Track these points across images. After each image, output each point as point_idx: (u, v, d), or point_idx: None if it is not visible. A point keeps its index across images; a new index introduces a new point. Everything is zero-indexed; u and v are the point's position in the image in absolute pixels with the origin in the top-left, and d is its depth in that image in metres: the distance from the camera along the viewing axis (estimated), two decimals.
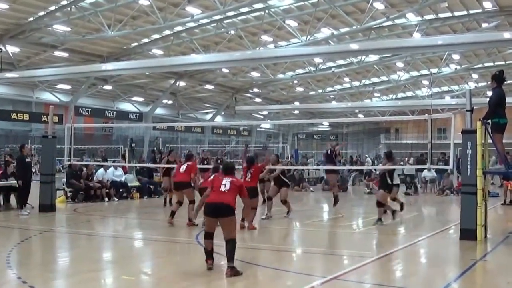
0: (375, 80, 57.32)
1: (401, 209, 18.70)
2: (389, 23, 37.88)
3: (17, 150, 23.75)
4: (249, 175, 15.88)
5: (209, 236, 10.17)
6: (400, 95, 62.23)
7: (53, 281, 9.60)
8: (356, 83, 58.26)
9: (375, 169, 33.70)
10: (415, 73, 54.44)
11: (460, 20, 37.84)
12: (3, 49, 39.36)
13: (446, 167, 25.08)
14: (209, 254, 10.11)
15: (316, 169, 38.46)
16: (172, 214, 16.17)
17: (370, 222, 17.75)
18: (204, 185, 13.14)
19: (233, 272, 9.75)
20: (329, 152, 21.67)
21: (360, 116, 68.48)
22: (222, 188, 10.27)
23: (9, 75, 40.59)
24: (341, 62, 50.97)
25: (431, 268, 11.08)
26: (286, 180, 18.42)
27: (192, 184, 16.22)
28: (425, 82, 57.44)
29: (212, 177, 11.70)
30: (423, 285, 9.46)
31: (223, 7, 32.79)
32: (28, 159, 19.86)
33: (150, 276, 10.27)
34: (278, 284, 9.43)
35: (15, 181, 19.41)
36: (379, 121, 72.74)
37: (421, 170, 30.86)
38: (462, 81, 56.91)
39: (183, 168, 16.39)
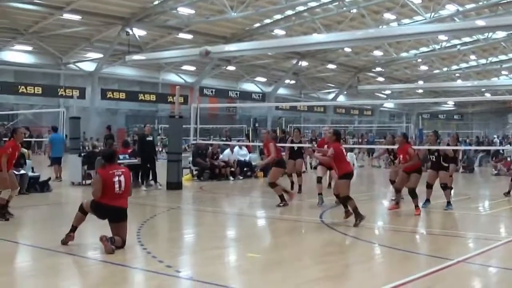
0: (503, 57, 55.50)
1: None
2: None
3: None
4: None
5: None
6: None
7: (180, 257, 9.86)
8: (483, 61, 56.63)
9: (503, 150, 32.76)
10: None
11: None
12: (130, 32, 40.58)
13: None
14: None
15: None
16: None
17: (497, 205, 17.27)
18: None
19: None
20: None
21: (487, 95, 66.45)
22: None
23: (136, 57, 41.81)
24: (466, 39, 49.60)
25: None
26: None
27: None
28: None
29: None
30: None
31: None
32: (149, 138, 20.48)
33: (274, 254, 10.36)
34: (406, 266, 9.33)
35: None
36: (507, 101, 70.39)
37: None
38: None
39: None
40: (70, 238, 9.96)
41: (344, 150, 13.26)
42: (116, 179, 9.84)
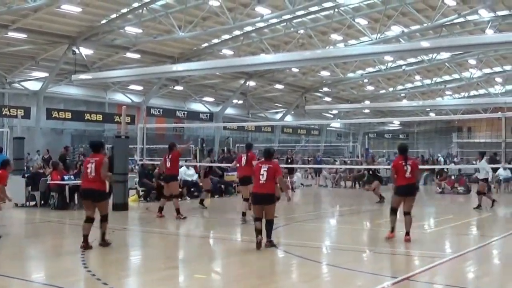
0: (447, 78, 56.43)
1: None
2: (461, 20, 37.27)
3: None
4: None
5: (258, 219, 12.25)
6: (472, 93, 61.12)
7: (126, 279, 9.76)
8: (427, 81, 57.45)
9: (447, 169, 33.32)
10: (488, 71, 53.38)
11: None
12: (77, 51, 40.20)
13: None
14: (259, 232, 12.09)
15: (387, 168, 37.92)
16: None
17: (442, 222, 17.52)
18: None
19: (271, 243, 11.99)
20: None
21: (432, 114, 67.53)
22: (261, 180, 12.06)
23: (82, 76, 41.42)
24: (412, 60, 50.37)
25: (505, 269, 10.84)
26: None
27: None
28: (499, 80, 56.31)
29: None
30: (496, 287, 9.27)
31: (292, 7, 32.81)
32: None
33: (222, 275, 10.34)
34: (349, 284, 9.39)
35: None
36: (451, 120, 71.58)
37: (495, 169, 30.26)
38: None
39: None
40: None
41: None
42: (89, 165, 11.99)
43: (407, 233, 13.21)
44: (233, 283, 9.44)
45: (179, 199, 17.77)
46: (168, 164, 17.76)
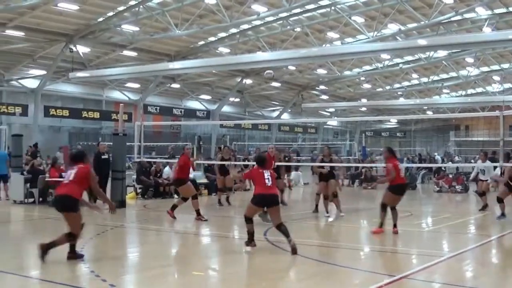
0: (444, 76, 56.42)
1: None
2: (458, 17, 37.27)
3: (88, 147, 24.25)
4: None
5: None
6: (470, 91, 61.12)
7: (124, 276, 9.76)
8: (425, 80, 57.46)
9: (444, 167, 33.35)
10: (485, 69, 53.42)
11: None
12: (74, 49, 40.17)
13: None
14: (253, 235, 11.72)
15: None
16: None
17: (439, 221, 17.54)
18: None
19: (293, 243, 11.05)
20: None
21: (429, 113, 67.46)
22: (268, 183, 11.48)
23: (80, 74, 41.35)
24: (409, 58, 50.38)
25: (503, 268, 10.86)
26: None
27: None
28: (496, 78, 56.31)
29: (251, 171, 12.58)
30: (494, 286, 9.28)
31: (289, 5, 32.85)
32: (104, 156, 20.37)
33: (219, 272, 10.35)
34: (347, 282, 9.40)
35: None
36: (448, 118, 71.64)
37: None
38: None
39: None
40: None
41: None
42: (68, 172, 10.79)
43: (395, 225, 14.02)
44: (230, 280, 9.44)
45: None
46: (176, 168, 17.40)
